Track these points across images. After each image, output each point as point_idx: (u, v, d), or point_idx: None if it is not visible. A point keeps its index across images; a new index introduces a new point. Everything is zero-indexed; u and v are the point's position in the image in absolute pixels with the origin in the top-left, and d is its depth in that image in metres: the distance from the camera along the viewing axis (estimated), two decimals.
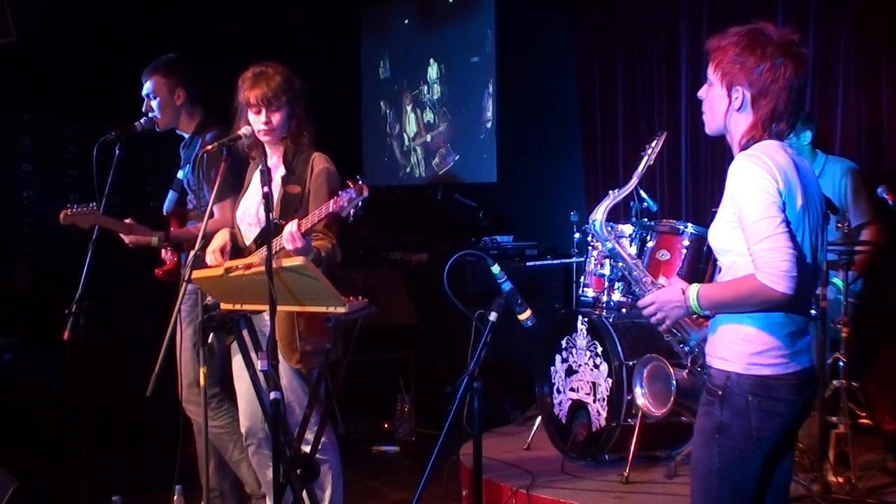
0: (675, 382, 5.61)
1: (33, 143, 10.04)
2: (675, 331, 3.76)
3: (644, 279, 3.90)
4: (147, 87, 5.95)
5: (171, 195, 6.11)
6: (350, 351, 5.00)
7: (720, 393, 3.39)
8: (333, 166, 5.10)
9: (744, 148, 3.41)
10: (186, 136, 6.08)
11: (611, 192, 4.07)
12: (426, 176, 10.59)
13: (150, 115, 5.93)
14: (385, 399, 8.47)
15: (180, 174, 6.06)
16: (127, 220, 5.75)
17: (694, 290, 3.44)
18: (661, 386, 5.90)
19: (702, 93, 3.57)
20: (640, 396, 5.96)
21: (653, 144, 4.03)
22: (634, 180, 4.01)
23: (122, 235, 5.80)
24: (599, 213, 4.00)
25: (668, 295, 3.52)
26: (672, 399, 5.63)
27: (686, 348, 3.78)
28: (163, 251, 6.03)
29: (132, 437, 7.94)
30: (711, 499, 3.48)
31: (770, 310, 3.33)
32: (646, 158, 4.01)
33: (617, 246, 4.01)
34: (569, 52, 9.32)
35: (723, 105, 3.45)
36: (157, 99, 5.93)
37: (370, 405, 8.58)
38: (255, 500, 5.92)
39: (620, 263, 4.03)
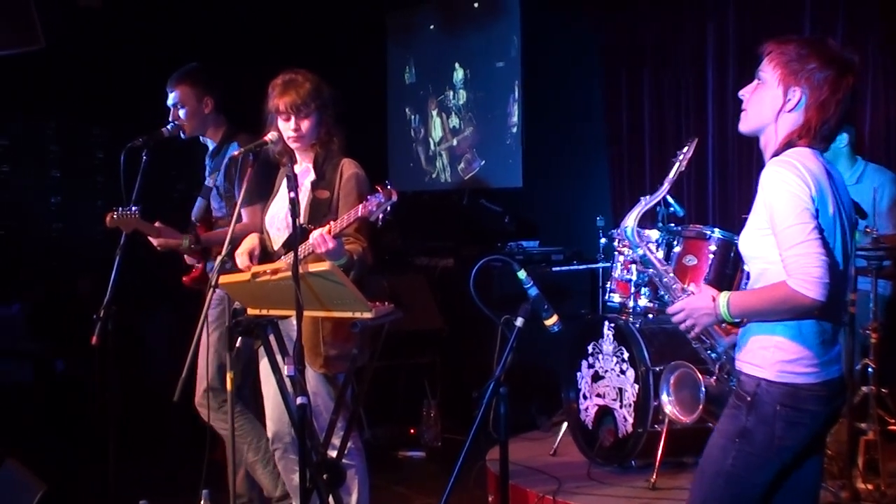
0: (703, 389, 5.59)
1: (61, 149, 10.09)
2: (703, 338, 3.75)
3: (674, 286, 3.89)
4: (173, 97, 5.97)
5: (198, 202, 6.13)
6: (376, 356, 5.02)
7: (749, 399, 3.39)
8: (363, 172, 5.12)
9: (781, 150, 3.40)
10: (212, 144, 6.10)
11: (642, 198, 4.05)
12: (452, 181, 10.59)
13: (176, 122, 5.95)
14: (411, 404, 8.47)
15: (208, 181, 6.09)
16: (156, 224, 5.78)
17: (724, 297, 3.42)
18: (688, 393, 5.88)
19: (745, 91, 3.56)
20: (668, 403, 5.94)
21: (684, 150, 4.02)
22: (666, 186, 3.99)
23: (150, 239, 5.83)
24: (631, 220, 3.99)
25: (698, 302, 3.52)
26: (701, 406, 5.61)
27: (714, 355, 3.77)
28: (187, 257, 6.05)
29: (160, 441, 7.96)
30: (711, 499, 3.49)
31: (801, 317, 3.32)
32: (677, 164, 4.00)
33: (648, 252, 4.00)
34: (595, 57, 9.30)
35: (774, 104, 3.44)
36: (186, 108, 5.95)
37: (396, 410, 8.58)
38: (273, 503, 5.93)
39: (651, 270, 4.02)
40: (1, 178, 9.89)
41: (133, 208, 5.58)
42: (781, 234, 3.27)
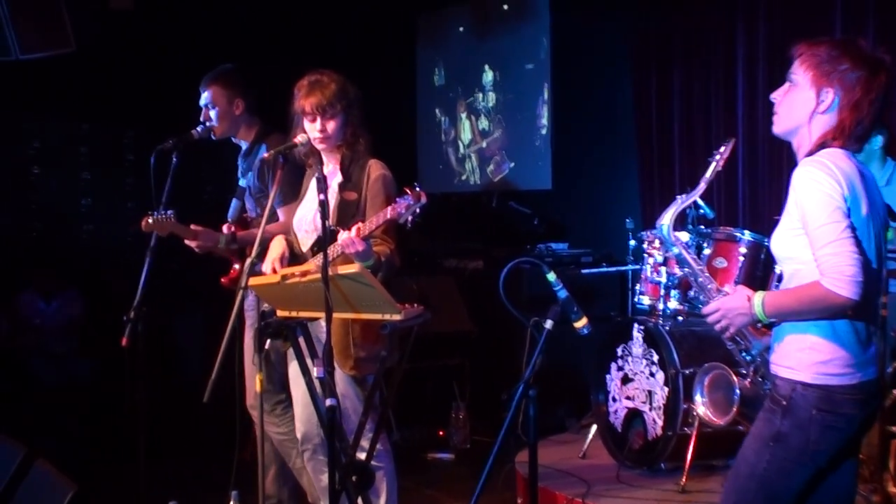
0: (738, 391, 5.58)
1: (92, 151, 10.14)
2: (737, 339, 3.74)
3: (709, 286, 3.87)
4: (205, 97, 5.99)
5: (234, 203, 6.15)
6: (405, 358, 5.02)
7: (784, 403, 3.37)
8: (390, 173, 5.12)
9: (814, 151, 3.39)
10: (244, 145, 6.11)
11: (678, 197, 4.05)
12: (481, 183, 10.59)
13: (207, 123, 5.96)
14: (440, 406, 8.47)
15: (242, 182, 6.10)
16: (192, 226, 5.79)
17: (759, 297, 3.41)
18: (722, 395, 5.87)
19: (777, 94, 3.55)
20: (701, 405, 5.93)
21: (721, 150, 4.01)
22: (702, 185, 3.98)
23: (188, 242, 5.84)
24: (667, 218, 3.98)
25: (733, 302, 3.50)
26: (734, 408, 5.59)
27: (748, 357, 3.76)
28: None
29: (190, 442, 7.98)
30: (744, 502, 3.48)
31: (835, 317, 3.30)
32: (714, 164, 3.99)
33: (683, 251, 3.99)
34: (624, 59, 9.28)
35: (807, 106, 3.43)
36: (217, 109, 5.96)
37: (425, 412, 8.58)
38: None
39: (686, 269, 4.01)
40: (32, 180, 9.95)
41: (169, 212, 5.59)
42: (814, 233, 3.26)
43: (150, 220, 5.58)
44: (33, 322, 9.36)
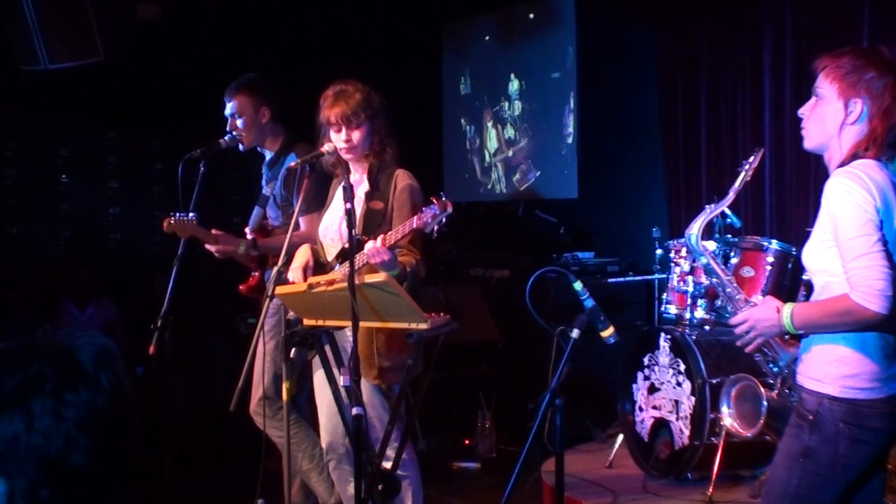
0: (765, 403, 5.55)
1: (120, 160, 10.19)
2: (765, 350, 3.72)
3: (737, 296, 3.86)
4: (231, 106, 5.99)
5: (255, 211, 6.16)
6: (431, 367, 5.02)
7: (811, 417, 3.35)
8: (417, 183, 5.12)
9: (847, 162, 3.37)
10: (269, 154, 6.12)
11: (707, 206, 4.04)
12: (507, 192, 10.58)
13: (234, 132, 5.97)
14: (466, 415, 8.46)
15: (265, 191, 6.11)
16: (213, 231, 5.81)
17: (788, 308, 3.39)
18: (749, 406, 5.84)
19: (805, 109, 3.53)
20: (728, 416, 5.91)
21: (750, 160, 3.99)
22: (731, 195, 3.97)
23: (208, 246, 5.85)
24: (696, 228, 3.97)
25: (761, 313, 3.48)
26: (762, 420, 5.57)
27: (775, 368, 3.74)
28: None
29: (217, 450, 8.00)
30: None
31: (864, 330, 3.28)
32: (743, 174, 3.97)
33: (711, 261, 3.98)
34: (650, 68, 9.27)
35: (836, 119, 3.42)
36: (243, 118, 5.96)
37: (451, 421, 8.57)
38: None
39: (714, 279, 4.00)
40: (61, 188, 10.01)
41: (190, 214, 5.61)
42: (844, 245, 3.25)
43: (172, 221, 5.62)
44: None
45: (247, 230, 5.97)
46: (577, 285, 3.96)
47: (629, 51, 9.44)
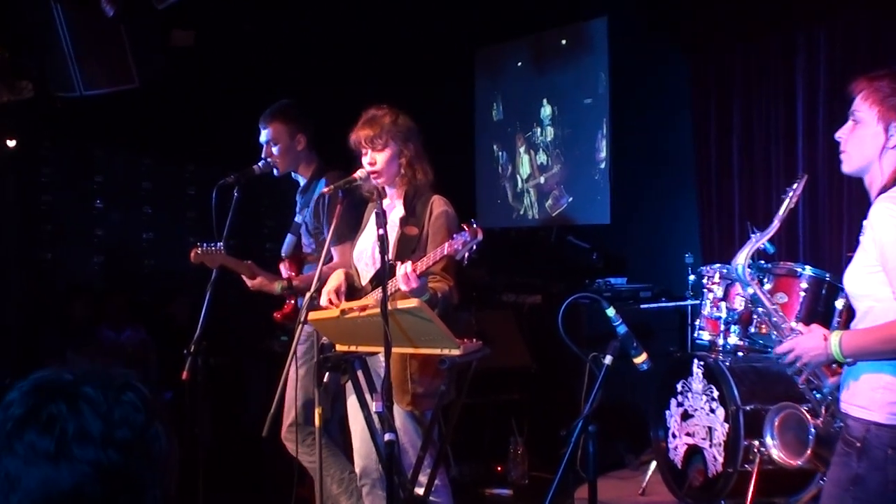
0: (812, 431, 5.50)
1: (154, 185, 10.25)
2: (810, 378, 3.69)
3: (783, 325, 3.84)
4: (266, 133, 6.00)
5: (288, 238, 6.17)
6: (464, 393, 5.01)
7: (858, 445, 3.32)
8: (452, 209, 5.11)
9: (890, 186, 3.35)
10: (303, 180, 6.13)
11: (753, 234, 4.02)
12: (539, 218, 10.58)
13: (268, 159, 5.99)
14: (498, 442, 8.44)
15: (298, 218, 6.12)
16: (248, 262, 5.82)
17: (836, 337, 3.36)
18: (793, 434, 5.79)
19: (842, 133, 3.51)
20: (773, 447, 5.86)
21: (794, 187, 3.97)
22: (776, 224, 3.96)
23: (245, 279, 5.87)
24: (742, 258, 3.95)
25: (808, 342, 3.45)
26: (810, 449, 5.51)
27: (818, 395, 3.71)
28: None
29: (249, 476, 8.00)
30: None
31: None
32: (787, 201, 3.95)
33: (758, 291, 3.96)
34: (683, 93, 9.25)
35: (877, 142, 3.40)
36: (278, 145, 5.98)
37: (483, 448, 8.54)
38: None
39: (760, 308, 3.98)
40: (95, 213, 10.07)
41: (218, 244, 5.63)
42: (893, 271, 3.22)
43: (199, 252, 5.63)
44: (110, 354, 9.41)
45: (282, 268, 5.98)
46: (610, 311, 3.96)
47: (662, 76, 9.44)
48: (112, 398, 1.86)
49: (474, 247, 4.43)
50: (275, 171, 6.02)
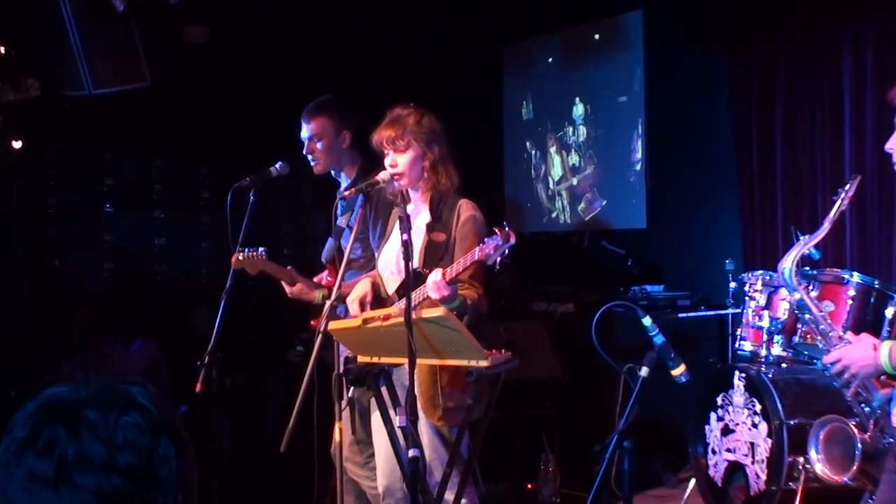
0: (859, 446, 5.49)
1: (166, 188, 10.27)
2: (858, 390, 3.68)
3: (831, 333, 3.84)
4: (309, 129, 6.01)
5: (329, 243, 6.18)
6: (492, 407, 5.01)
7: None
8: (481, 214, 5.12)
9: None
10: (346, 180, 6.11)
11: (801, 237, 4.02)
12: (572, 222, 10.57)
13: (310, 157, 6.00)
14: (528, 458, 8.43)
15: (340, 221, 6.11)
16: (288, 268, 5.83)
17: (886, 347, 3.36)
18: (839, 449, 5.77)
19: (892, 144, 3.51)
20: (818, 462, 5.85)
21: (846, 188, 3.97)
22: (826, 226, 3.96)
23: (284, 285, 5.88)
24: (789, 261, 3.96)
25: (857, 352, 3.45)
26: (856, 465, 5.51)
27: (867, 409, 3.71)
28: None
29: (265, 494, 8.02)
30: None
31: None
32: (838, 203, 3.96)
33: (806, 297, 3.97)
34: (723, 90, 9.23)
35: None
36: (322, 141, 5.98)
37: (512, 464, 8.54)
38: None
39: (807, 315, 3.98)
40: (104, 218, 10.09)
41: (260, 249, 5.64)
42: None
43: (241, 257, 5.64)
44: (117, 367, 9.41)
45: (321, 278, 5.97)
46: (646, 321, 3.97)
47: (700, 73, 9.42)
48: (114, 421, 1.85)
49: (506, 251, 4.44)
50: (315, 170, 6.03)
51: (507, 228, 4.43)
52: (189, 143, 9.89)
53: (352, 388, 4.88)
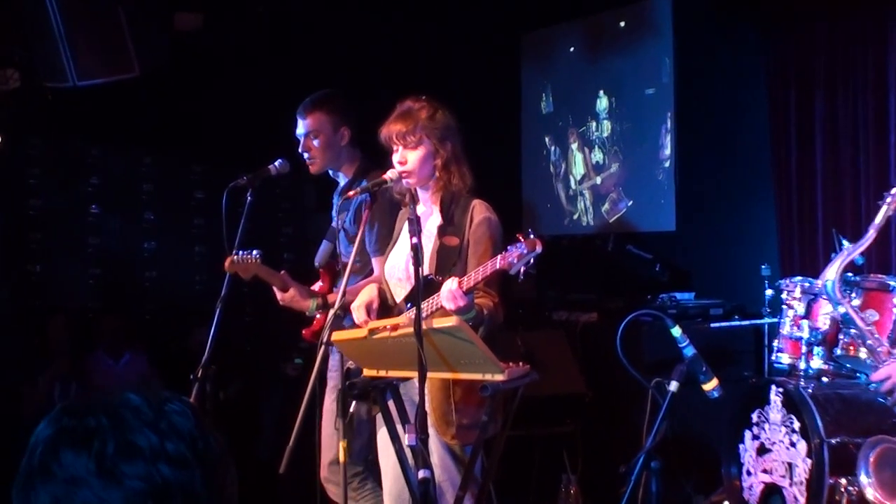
0: None
1: (156, 188, 10.28)
2: None
3: (879, 349, 3.83)
4: (305, 125, 6.01)
5: (324, 245, 6.17)
6: (509, 424, 5.01)
7: None
8: (496, 216, 5.11)
9: None
10: (344, 180, 6.11)
11: (844, 245, 4.02)
12: (595, 224, 10.57)
13: (306, 155, 6.00)
14: (548, 479, 8.44)
15: (335, 222, 6.10)
16: (282, 272, 5.83)
17: None
18: (890, 473, 5.75)
19: None
20: (868, 486, 5.83)
21: (893, 192, 3.96)
22: (872, 233, 3.95)
23: (276, 291, 5.88)
24: (833, 272, 3.95)
25: None
26: None
27: None
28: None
29: None
30: None
31: None
32: (885, 208, 3.94)
33: (851, 311, 3.96)
34: (759, 81, 9.23)
35: None
36: (319, 138, 5.97)
37: (531, 486, 8.55)
38: None
39: (853, 330, 3.98)
40: (90, 220, 10.10)
41: (254, 252, 5.63)
42: None
43: (235, 260, 5.63)
44: (104, 383, 9.39)
45: (316, 286, 5.97)
46: (676, 331, 3.97)
47: (734, 63, 9.41)
48: (156, 408, 1.85)
49: (531, 260, 4.42)
50: (311, 169, 6.03)
51: (532, 235, 4.40)
52: (181, 139, 9.90)
53: (353, 404, 4.87)
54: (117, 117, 9.48)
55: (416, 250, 4.43)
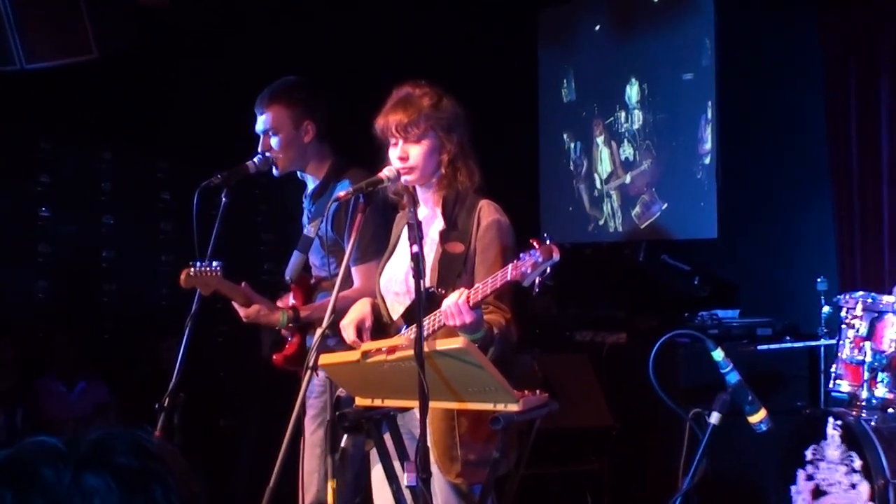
0: None
1: (116, 188, 10.26)
2: None
3: None
4: (264, 121, 6.00)
5: (294, 256, 6.17)
6: (524, 461, 5.01)
7: None
8: (506, 218, 5.10)
9: None
10: (312, 182, 6.12)
11: None
12: (623, 230, 10.57)
13: (266, 154, 5.99)
14: None
15: (308, 230, 6.10)
16: (242, 285, 5.82)
17: None
18: None
19: None
20: None
21: None
22: None
23: (238, 308, 5.88)
24: None
25: None
26: None
27: None
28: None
29: None
30: None
31: None
32: None
33: None
34: (814, 67, 9.23)
35: None
36: (279, 135, 5.96)
37: None
38: None
39: None
40: (40, 224, 10.09)
41: (214, 264, 5.63)
42: None
43: (192, 273, 5.62)
44: (57, 414, 9.36)
45: (284, 300, 5.97)
46: (718, 354, 3.97)
47: (786, 45, 9.41)
48: (74, 479, 1.75)
49: (548, 270, 4.41)
50: (274, 171, 6.02)
51: (548, 241, 4.40)
52: (145, 132, 9.89)
53: (344, 438, 4.87)
54: (71, 106, 9.48)
55: (417, 260, 4.43)
